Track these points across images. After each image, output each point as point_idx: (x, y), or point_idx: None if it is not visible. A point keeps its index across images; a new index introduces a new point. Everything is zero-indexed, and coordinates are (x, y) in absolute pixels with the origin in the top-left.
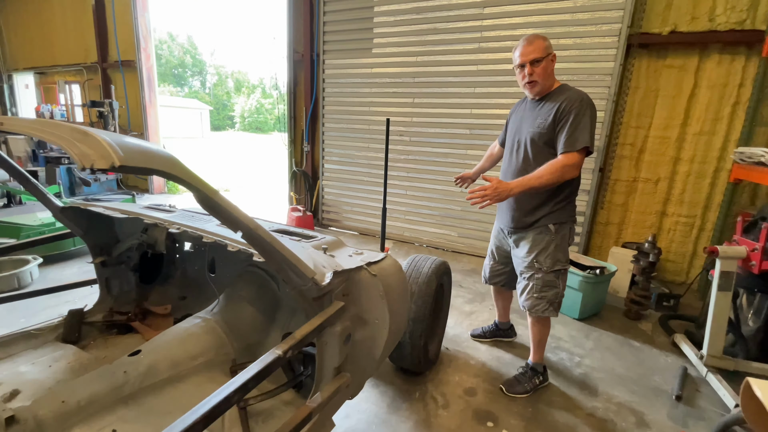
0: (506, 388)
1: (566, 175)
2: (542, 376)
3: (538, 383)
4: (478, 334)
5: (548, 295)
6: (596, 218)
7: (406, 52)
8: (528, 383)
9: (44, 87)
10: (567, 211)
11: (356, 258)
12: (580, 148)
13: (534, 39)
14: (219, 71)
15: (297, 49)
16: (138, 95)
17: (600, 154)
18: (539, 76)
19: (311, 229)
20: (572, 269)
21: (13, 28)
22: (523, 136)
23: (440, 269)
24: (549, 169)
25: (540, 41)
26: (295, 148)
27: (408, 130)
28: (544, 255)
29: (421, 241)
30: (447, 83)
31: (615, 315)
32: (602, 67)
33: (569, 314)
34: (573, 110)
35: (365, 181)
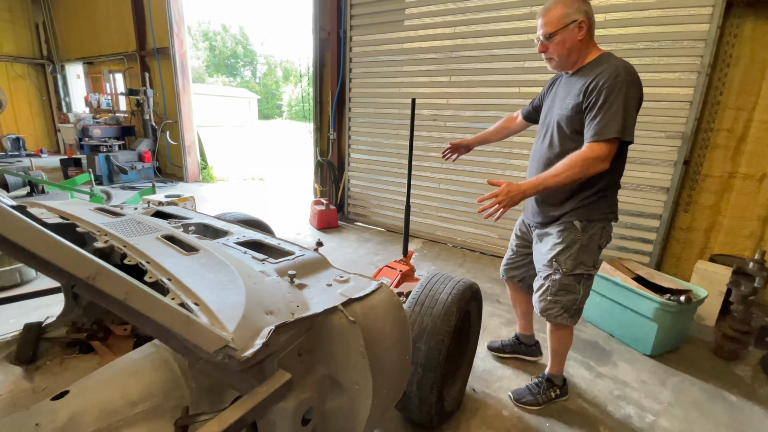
0: (515, 396)
1: (589, 170)
2: (560, 390)
3: (553, 396)
4: (497, 348)
5: (563, 300)
6: (676, 222)
7: (443, 22)
8: (541, 395)
9: (92, 77)
10: (599, 207)
11: (335, 290)
12: (609, 137)
13: (552, 6)
14: (269, 61)
15: (323, 27)
16: (173, 83)
17: (686, 143)
18: (555, 51)
19: (335, 225)
20: (645, 292)
21: (64, 21)
22: (552, 119)
23: (464, 296)
24: (567, 165)
25: (556, 10)
26: (321, 136)
27: (443, 114)
28: (565, 255)
29: (455, 242)
30: (490, 57)
31: (700, 351)
32: (693, 31)
33: (639, 349)
34: (604, 89)
35: (394, 173)
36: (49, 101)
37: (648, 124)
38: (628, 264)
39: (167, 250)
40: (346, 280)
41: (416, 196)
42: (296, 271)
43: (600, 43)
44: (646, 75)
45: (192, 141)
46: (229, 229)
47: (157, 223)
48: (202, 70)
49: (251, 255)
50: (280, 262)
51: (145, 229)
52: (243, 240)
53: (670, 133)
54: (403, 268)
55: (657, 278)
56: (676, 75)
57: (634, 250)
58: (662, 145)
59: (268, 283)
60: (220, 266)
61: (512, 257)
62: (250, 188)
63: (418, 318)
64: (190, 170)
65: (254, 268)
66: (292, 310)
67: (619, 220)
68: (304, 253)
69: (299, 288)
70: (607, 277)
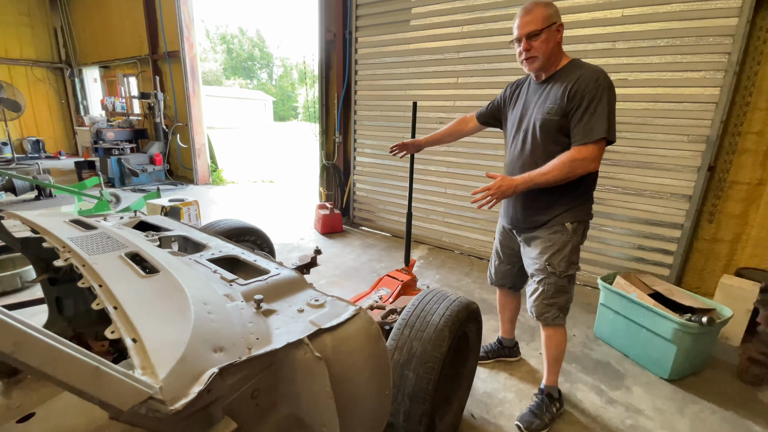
0: (524, 426)
1: (577, 170)
2: (558, 402)
3: (555, 412)
4: (481, 356)
5: (560, 301)
6: (699, 233)
7: (450, 21)
8: (546, 415)
9: (108, 80)
10: (585, 208)
11: (306, 316)
12: (596, 139)
13: (533, 7)
14: (284, 63)
15: (329, 28)
16: (183, 86)
17: (711, 147)
18: (538, 51)
19: (339, 229)
20: (664, 311)
21: (81, 25)
22: (530, 123)
23: (459, 317)
24: (557, 164)
25: (540, 9)
26: (327, 140)
27: (450, 117)
28: (558, 257)
29: (462, 249)
30: (499, 57)
31: (723, 376)
32: (719, 26)
33: (656, 372)
34: (587, 94)
35: (400, 177)
36: (68, 104)
37: (669, 127)
38: (645, 278)
39: (125, 272)
40: (320, 305)
41: (422, 201)
42: (266, 294)
43: (617, 40)
44: (667, 74)
45: (202, 144)
46: (207, 242)
47: (129, 237)
48: (220, 72)
49: (221, 274)
50: (249, 284)
51: (113, 245)
52: (217, 256)
53: (693, 136)
54: (404, 278)
55: (676, 295)
56: (700, 74)
57: (653, 261)
58: (685, 150)
59: (228, 311)
60: (174, 292)
61: (500, 265)
62: (258, 191)
63: (406, 342)
64: (200, 173)
65: (219, 291)
66: (250, 344)
67: (634, 229)
68: (279, 272)
69: (266, 315)
70: (621, 293)
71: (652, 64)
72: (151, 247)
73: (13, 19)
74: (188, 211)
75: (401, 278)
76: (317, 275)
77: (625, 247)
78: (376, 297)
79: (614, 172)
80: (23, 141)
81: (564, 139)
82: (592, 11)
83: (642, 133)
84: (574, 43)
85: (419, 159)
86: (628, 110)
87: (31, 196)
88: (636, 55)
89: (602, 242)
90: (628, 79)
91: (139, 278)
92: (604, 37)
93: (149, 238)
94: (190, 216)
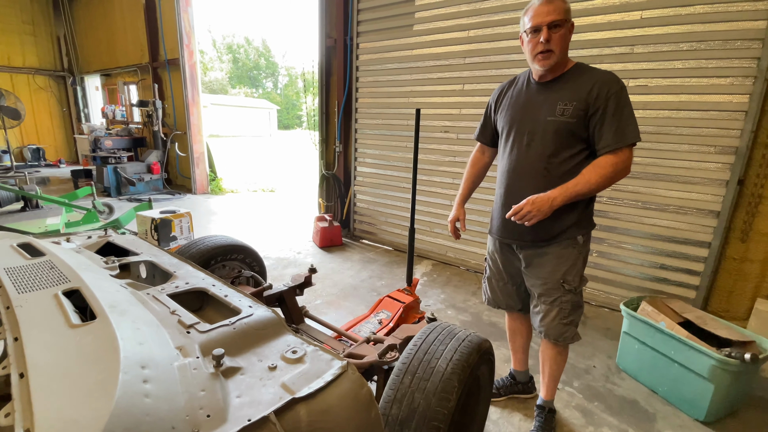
0: None
1: (618, 176)
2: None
3: (554, 425)
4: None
5: (576, 318)
6: (727, 251)
7: (455, 26)
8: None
9: (108, 88)
10: (591, 217)
11: (279, 377)
12: (630, 143)
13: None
14: (290, 72)
15: (330, 34)
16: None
17: (740, 159)
18: (557, 45)
19: (339, 243)
20: (699, 344)
21: (84, 33)
22: (537, 126)
23: (470, 362)
24: (598, 172)
25: (560, 1)
26: (327, 149)
27: (455, 126)
28: (573, 272)
29: (468, 264)
30: (508, 62)
31: (764, 417)
32: (747, 29)
33: (690, 413)
34: (612, 97)
35: (402, 188)
36: (69, 112)
37: (694, 137)
38: (673, 304)
39: (53, 319)
40: (298, 359)
41: (426, 213)
42: (231, 344)
43: (636, 44)
44: (692, 80)
45: (201, 152)
46: (176, 270)
47: (79, 267)
48: (225, 81)
49: (179, 317)
50: (211, 331)
51: (53, 279)
52: (183, 289)
53: (720, 147)
54: (406, 300)
55: (710, 324)
56: (727, 80)
57: (677, 282)
58: (712, 162)
59: (173, 376)
60: (104, 351)
61: (505, 286)
62: (258, 200)
63: (407, 394)
64: (198, 182)
65: (169, 343)
66: (196, 425)
67: (656, 247)
68: (252, 313)
69: (227, 375)
70: (648, 321)
71: (675, 69)
72: (102, 279)
73: (17, 27)
74: (180, 223)
75: (403, 300)
76: (313, 294)
77: (645, 266)
78: (375, 321)
79: (633, 185)
80: (23, 149)
81: (575, 142)
82: (609, 14)
83: (664, 143)
84: (589, 48)
85: (423, 170)
86: (648, 119)
87: (17, 207)
88: (657, 60)
89: (621, 260)
90: (648, 86)
91: (66, 329)
92: (621, 41)
93: (108, 265)
94: (182, 228)
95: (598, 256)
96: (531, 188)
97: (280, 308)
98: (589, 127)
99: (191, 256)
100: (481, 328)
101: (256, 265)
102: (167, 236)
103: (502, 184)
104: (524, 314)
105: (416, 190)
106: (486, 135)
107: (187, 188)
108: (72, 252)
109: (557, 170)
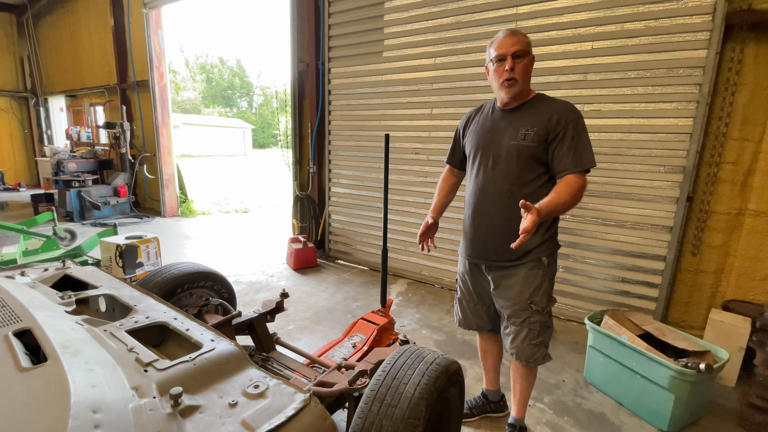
0: None
1: (579, 197)
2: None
3: None
4: (465, 414)
5: (545, 338)
6: (682, 264)
7: (423, 53)
8: None
9: (74, 109)
10: (556, 238)
11: (239, 414)
12: (587, 168)
13: (517, 31)
14: (265, 92)
15: (302, 58)
16: (152, 115)
17: (688, 178)
18: (520, 74)
19: (313, 264)
20: (658, 356)
21: (49, 54)
22: (501, 150)
23: (437, 385)
24: (570, 191)
25: (522, 36)
26: (301, 170)
27: (425, 147)
28: (539, 293)
29: (443, 282)
30: (473, 88)
31: (724, 425)
32: (689, 58)
33: (655, 423)
34: (570, 124)
35: (377, 208)
36: (31, 134)
37: (646, 158)
38: (634, 317)
39: (1, 362)
40: (260, 394)
41: (400, 233)
42: (191, 381)
43: (588, 72)
44: (640, 105)
45: (171, 174)
46: (136, 303)
47: (31, 304)
48: (198, 101)
49: (137, 354)
50: (170, 368)
51: (4, 318)
52: (142, 325)
53: (670, 167)
54: (380, 321)
55: (669, 336)
56: (673, 105)
57: (638, 295)
58: (663, 180)
59: (127, 419)
60: (54, 396)
61: (476, 307)
62: (230, 222)
63: (375, 422)
64: (168, 204)
65: (125, 383)
66: None
67: (617, 261)
68: (213, 348)
69: (185, 414)
70: (611, 334)
71: (625, 95)
72: (55, 317)
73: None
74: (147, 248)
75: (377, 321)
76: (285, 320)
77: (609, 280)
78: (349, 345)
79: (594, 203)
80: None
81: (536, 166)
82: (563, 44)
83: (619, 164)
84: (546, 75)
85: (396, 191)
86: (604, 141)
87: None
88: (608, 86)
89: (585, 275)
90: (602, 110)
91: (15, 373)
92: (575, 69)
93: (65, 300)
94: (149, 254)
95: (565, 272)
96: (496, 208)
97: (250, 336)
98: (549, 151)
99: (156, 285)
100: (455, 347)
101: (225, 291)
102: (133, 263)
103: (471, 205)
104: (495, 334)
105: (388, 210)
106: (455, 158)
107: (156, 211)
108: (25, 287)
109: (520, 192)
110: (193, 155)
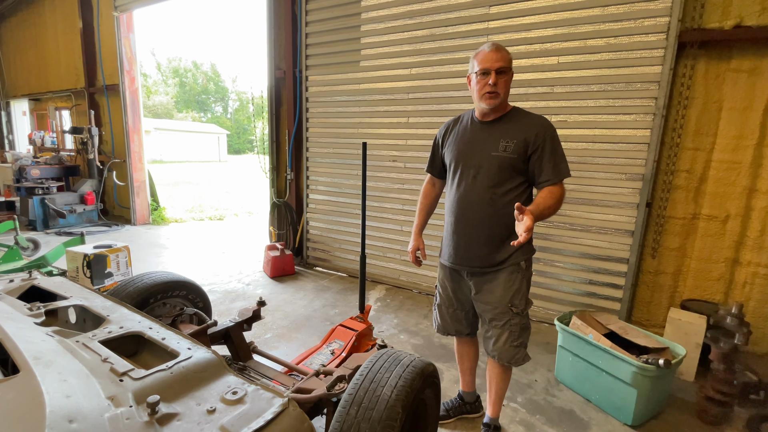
0: None
1: (561, 204)
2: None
3: None
4: (441, 416)
5: (525, 339)
6: (643, 266)
7: (399, 63)
8: None
9: (37, 114)
10: (532, 243)
11: (217, 421)
12: (564, 178)
13: (501, 47)
14: (240, 97)
15: (279, 66)
16: (122, 120)
17: (647, 185)
18: (501, 89)
19: (291, 272)
20: (621, 353)
21: (12, 56)
22: (483, 161)
23: (413, 387)
24: (554, 198)
25: (506, 52)
26: (278, 177)
27: (402, 155)
28: (518, 296)
29: (420, 288)
30: (447, 99)
31: (684, 417)
32: (645, 73)
33: (620, 418)
34: (548, 139)
35: (355, 215)
36: None
37: (608, 166)
38: (600, 317)
39: None
40: (238, 400)
41: (378, 239)
42: (168, 389)
43: (555, 85)
44: (602, 117)
45: (141, 181)
46: (109, 313)
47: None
48: (171, 105)
49: (112, 364)
50: (146, 377)
51: None
52: (117, 334)
53: (630, 175)
54: (359, 327)
55: (631, 333)
56: (631, 117)
57: (604, 296)
58: (624, 187)
59: (103, 429)
60: (28, 407)
61: (455, 312)
62: (205, 230)
63: (353, 425)
64: (138, 212)
65: (100, 393)
66: None
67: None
68: (190, 356)
69: (162, 422)
70: (578, 334)
71: (588, 107)
72: (25, 329)
73: None
74: (117, 258)
75: (356, 327)
76: (263, 328)
77: (577, 282)
78: (328, 352)
79: (563, 209)
80: None
81: (516, 175)
82: (531, 58)
83: (585, 172)
84: (516, 87)
85: (374, 197)
86: (570, 150)
87: None
88: (573, 98)
89: (555, 278)
90: (567, 121)
91: None
92: (543, 82)
93: (33, 312)
94: (119, 264)
95: (536, 275)
96: (478, 216)
97: (226, 345)
98: (529, 162)
99: (127, 295)
100: (433, 351)
101: (200, 300)
102: (102, 273)
103: (452, 213)
104: (472, 338)
105: (366, 217)
106: (435, 167)
107: (126, 219)
108: None
109: (501, 200)
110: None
